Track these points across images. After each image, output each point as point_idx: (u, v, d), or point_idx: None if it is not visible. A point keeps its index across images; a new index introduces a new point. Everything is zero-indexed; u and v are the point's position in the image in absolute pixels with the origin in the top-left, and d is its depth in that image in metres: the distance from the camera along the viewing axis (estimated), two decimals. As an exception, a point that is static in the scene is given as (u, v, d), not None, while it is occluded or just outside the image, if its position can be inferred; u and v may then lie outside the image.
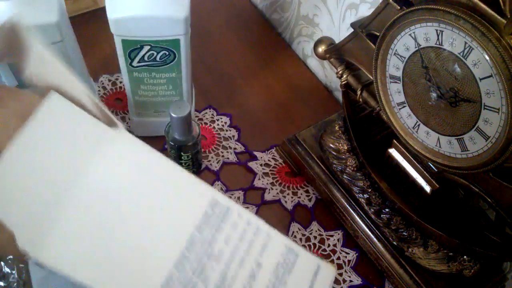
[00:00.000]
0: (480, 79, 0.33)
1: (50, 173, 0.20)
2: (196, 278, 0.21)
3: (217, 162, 0.58)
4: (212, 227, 0.23)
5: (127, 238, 0.21)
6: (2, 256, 0.22)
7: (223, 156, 0.59)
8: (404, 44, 0.38)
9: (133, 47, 0.47)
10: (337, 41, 0.48)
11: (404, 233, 0.48)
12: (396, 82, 0.41)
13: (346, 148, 0.52)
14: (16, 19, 0.21)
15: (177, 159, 0.53)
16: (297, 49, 0.75)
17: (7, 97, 0.23)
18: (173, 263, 0.21)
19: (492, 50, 0.31)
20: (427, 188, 0.44)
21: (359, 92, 0.48)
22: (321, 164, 0.54)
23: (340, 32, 0.64)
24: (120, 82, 0.65)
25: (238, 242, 0.23)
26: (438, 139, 0.40)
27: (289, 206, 0.56)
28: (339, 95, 0.68)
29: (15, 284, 0.38)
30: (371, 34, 0.42)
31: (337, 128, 0.54)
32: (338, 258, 0.52)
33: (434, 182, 0.44)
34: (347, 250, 0.53)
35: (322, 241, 0.53)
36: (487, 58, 0.31)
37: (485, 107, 0.34)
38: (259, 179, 0.57)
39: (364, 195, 0.51)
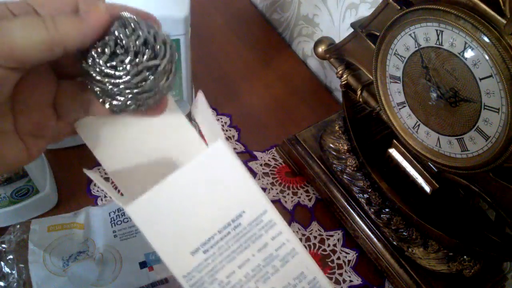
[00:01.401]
0: (480, 79, 0.33)
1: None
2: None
3: (217, 162, 0.58)
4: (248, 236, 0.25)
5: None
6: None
7: (223, 156, 0.59)
8: (404, 44, 0.38)
9: (133, 47, 0.47)
10: (337, 41, 0.48)
11: (404, 233, 0.48)
12: (396, 82, 0.41)
13: (346, 148, 0.52)
14: None
15: (177, 159, 0.53)
16: (297, 49, 0.75)
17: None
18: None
19: (492, 50, 0.31)
20: (427, 188, 0.44)
21: (359, 92, 0.48)
22: (321, 164, 0.54)
23: (340, 32, 0.64)
24: (120, 82, 0.64)
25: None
26: (438, 139, 0.40)
27: (289, 206, 0.56)
28: (339, 95, 0.68)
29: (15, 284, 0.38)
30: (371, 34, 0.42)
31: (337, 128, 0.54)
32: (338, 258, 0.52)
33: (434, 182, 0.44)
34: (347, 250, 0.53)
35: (322, 241, 0.53)
36: (487, 58, 0.31)
37: (485, 107, 0.34)
38: (259, 179, 0.57)
39: (364, 195, 0.51)
